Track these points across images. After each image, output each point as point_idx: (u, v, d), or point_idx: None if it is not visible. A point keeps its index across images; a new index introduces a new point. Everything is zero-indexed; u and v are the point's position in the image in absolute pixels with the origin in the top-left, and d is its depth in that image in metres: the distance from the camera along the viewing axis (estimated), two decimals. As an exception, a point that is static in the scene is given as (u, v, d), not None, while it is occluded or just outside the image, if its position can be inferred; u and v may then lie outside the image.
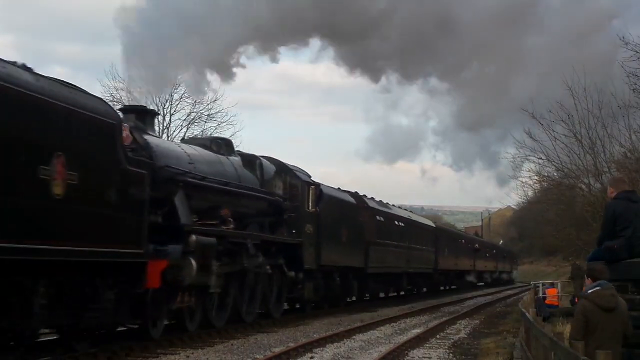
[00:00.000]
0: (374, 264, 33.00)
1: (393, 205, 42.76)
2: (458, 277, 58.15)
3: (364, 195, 35.67)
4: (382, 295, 40.00)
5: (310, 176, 27.15)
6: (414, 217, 46.97)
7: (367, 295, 36.02)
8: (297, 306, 27.89)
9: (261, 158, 23.35)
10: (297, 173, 25.58)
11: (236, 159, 21.39)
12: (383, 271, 35.57)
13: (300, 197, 24.92)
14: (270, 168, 23.57)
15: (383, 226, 35.77)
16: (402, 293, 43.30)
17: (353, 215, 31.34)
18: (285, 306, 26.00)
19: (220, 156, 20.38)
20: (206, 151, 19.95)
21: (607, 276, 8.77)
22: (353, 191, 34.35)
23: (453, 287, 57.97)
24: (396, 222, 39.11)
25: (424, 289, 48.08)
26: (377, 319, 25.61)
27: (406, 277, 40.83)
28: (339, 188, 31.73)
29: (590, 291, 8.47)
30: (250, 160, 22.45)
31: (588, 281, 8.77)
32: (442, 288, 54.05)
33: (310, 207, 25.56)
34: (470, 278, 62.99)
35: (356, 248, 30.73)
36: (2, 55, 11.49)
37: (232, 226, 19.11)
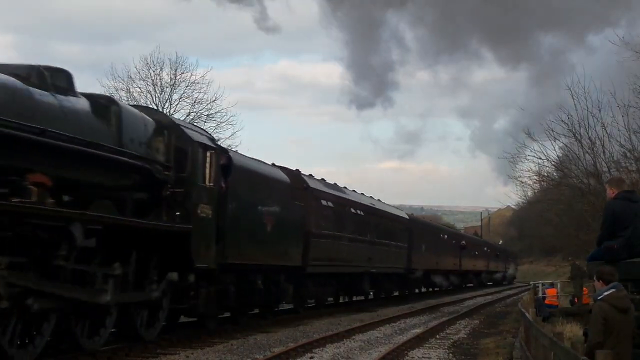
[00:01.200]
0: (317, 262, 26.20)
1: (354, 191, 35.20)
2: (443, 277, 51.69)
3: (310, 175, 28.69)
4: (330, 300, 32.26)
5: (214, 140, 20.56)
6: (380, 206, 38.46)
7: (310, 301, 28.99)
8: (195, 320, 20.42)
9: (122, 104, 16.33)
10: (189, 131, 17.90)
11: (79, 101, 14.34)
12: (331, 271, 28.61)
13: (191, 165, 17.25)
14: (143, 122, 16.22)
15: (332, 214, 28.86)
16: (366, 297, 36.88)
17: (285, 197, 23.83)
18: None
19: (42, 92, 13.22)
20: (14, 82, 12.67)
21: (617, 277, 8.83)
22: (294, 169, 27.46)
23: (436, 289, 52.41)
24: (353, 210, 31.68)
25: (395, 293, 42.27)
26: (376, 319, 25.61)
27: (369, 278, 34.07)
28: (273, 164, 25.05)
29: (606, 293, 8.52)
30: (103, 106, 14.97)
31: (599, 284, 8.78)
32: (419, 290, 48.59)
33: (208, 181, 17.81)
34: (456, 279, 57.09)
35: (290, 241, 23.59)
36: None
37: (51, 201, 12.36)
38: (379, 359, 15.30)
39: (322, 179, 30.13)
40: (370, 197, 37.94)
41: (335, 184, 31.90)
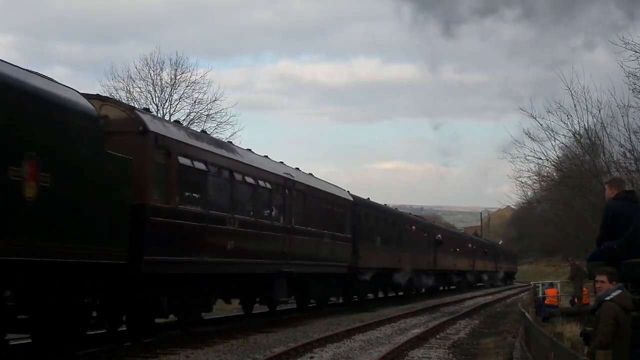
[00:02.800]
0: (158, 256, 16.00)
1: (266, 156, 24.54)
2: (409, 278, 40.34)
3: (153, 116, 18.75)
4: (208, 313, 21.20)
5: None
6: (304, 179, 26.78)
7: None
8: None
9: None
10: None
11: None
12: (190, 271, 17.79)
13: None
14: None
15: (198, 180, 18.36)
16: (273, 307, 26.54)
17: (79, 142, 13.45)
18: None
19: None
20: None
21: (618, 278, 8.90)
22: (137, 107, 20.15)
23: (398, 293, 43.62)
24: (237, 176, 20.28)
25: (333, 298, 33.20)
26: (376, 319, 25.61)
27: (284, 280, 23.77)
28: (67, 87, 13.87)
29: (614, 294, 8.57)
30: None
31: (610, 285, 8.80)
32: (375, 296, 40.57)
33: None
34: (428, 279, 46.14)
35: (93, 222, 13.77)
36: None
37: None
38: (379, 359, 15.31)
39: (178, 122, 20.85)
40: (298, 169, 27.52)
41: (218, 140, 22.77)
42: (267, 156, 24.58)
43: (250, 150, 23.49)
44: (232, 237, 19.48)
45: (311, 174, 29.33)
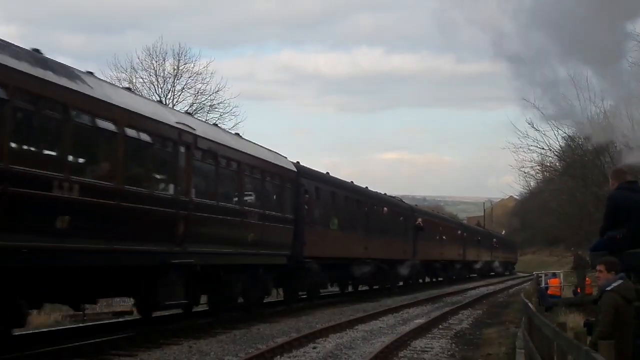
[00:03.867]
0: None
1: (139, 94, 19.65)
2: (379, 269, 34.69)
3: None
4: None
5: None
6: (211, 133, 19.89)
7: None
8: None
9: None
10: None
11: None
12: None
13: None
14: None
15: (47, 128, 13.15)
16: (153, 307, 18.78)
17: None
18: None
19: None
20: None
21: (621, 268, 8.86)
22: None
23: (362, 288, 36.77)
24: (82, 117, 13.72)
25: (270, 298, 26.04)
26: (379, 309, 25.63)
27: (177, 276, 16.81)
28: None
29: (615, 284, 8.55)
30: None
31: (610, 275, 8.78)
32: (330, 291, 33.63)
33: None
34: (405, 270, 39.83)
35: None
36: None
37: None
38: (381, 349, 15.32)
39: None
40: (216, 125, 25.58)
41: (45, 58, 13.13)
42: (161, 101, 22.86)
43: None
44: (66, 210, 12.78)
45: (238, 135, 23.15)
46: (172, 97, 44.02)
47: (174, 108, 42.41)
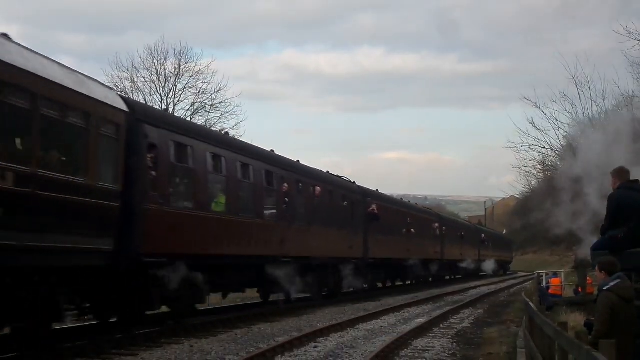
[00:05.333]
0: None
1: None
2: (300, 273, 24.27)
3: None
4: None
5: None
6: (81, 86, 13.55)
7: None
8: None
9: None
10: None
11: None
12: None
13: None
14: None
15: None
16: None
17: None
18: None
19: None
20: None
21: (619, 268, 8.85)
22: None
23: (281, 298, 24.76)
24: None
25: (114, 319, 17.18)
26: (380, 309, 25.62)
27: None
28: None
29: (612, 284, 8.55)
30: None
31: (601, 275, 8.80)
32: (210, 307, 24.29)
33: None
34: (349, 272, 29.97)
35: None
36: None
37: None
38: (382, 349, 15.32)
39: None
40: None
41: None
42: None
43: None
44: None
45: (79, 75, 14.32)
46: (173, 97, 44.08)
47: (175, 107, 42.58)
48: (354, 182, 33.88)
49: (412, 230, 40.90)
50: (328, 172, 31.25)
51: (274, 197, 23.27)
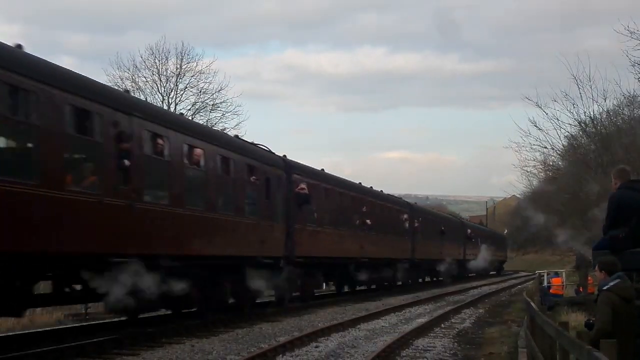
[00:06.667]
0: None
1: None
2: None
3: None
4: None
5: None
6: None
7: None
8: None
9: None
10: None
11: None
12: None
13: None
14: None
15: None
16: None
17: None
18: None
19: None
20: None
21: (620, 268, 8.85)
22: None
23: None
24: None
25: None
26: (381, 308, 25.63)
27: None
28: None
29: (612, 284, 8.55)
30: None
31: (601, 275, 8.80)
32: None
33: None
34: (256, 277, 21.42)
35: None
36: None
37: None
38: (384, 348, 15.33)
39: None
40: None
41: None
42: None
43: None
44: None
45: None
46: (174, 96, 44.06)
47: (177, 107, 42.55)
48: (279, 155, 24.68)
49: (368, 221, 32.73)
50: (236, 136, 25.31)
51: (229, 192, 19.44)
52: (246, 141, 23.53)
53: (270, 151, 24.09)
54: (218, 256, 18.60)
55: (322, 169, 28.01)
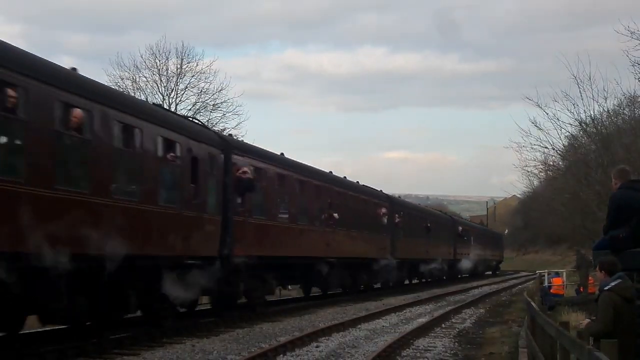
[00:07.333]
0: None
1: None
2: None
3: None
4: None
5: None
6: None
7: None
8: None
9: None
10: None
11: None
12: None
13: None
14: None
15: None
16: None
17: None
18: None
19: None
20: None
21: (620, 268, 8.86)
22: None
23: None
24: None
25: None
26: (382, 308, 25.63)
27: None
28: None
29: (613, 284, 8.55)
30: None
31: (601, 275, 8.80)
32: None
33: None
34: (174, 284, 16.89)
35: None
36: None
37: None
38: (384, 348, 15.33)
39: None
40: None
41: None
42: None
43: None
44: None
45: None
46: (175, 96, 44.04)
47: (177, 107, 42.55)
48: (214, 130, 21.43)
49: (336, 215, 29.02)
50: (154, 104, 20.82)
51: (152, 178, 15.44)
52: (166, 109, 19.84)
53: (204, 126, 20.46)
54: (109, 257, 13.30)
55: (282, 153, 24.24)
